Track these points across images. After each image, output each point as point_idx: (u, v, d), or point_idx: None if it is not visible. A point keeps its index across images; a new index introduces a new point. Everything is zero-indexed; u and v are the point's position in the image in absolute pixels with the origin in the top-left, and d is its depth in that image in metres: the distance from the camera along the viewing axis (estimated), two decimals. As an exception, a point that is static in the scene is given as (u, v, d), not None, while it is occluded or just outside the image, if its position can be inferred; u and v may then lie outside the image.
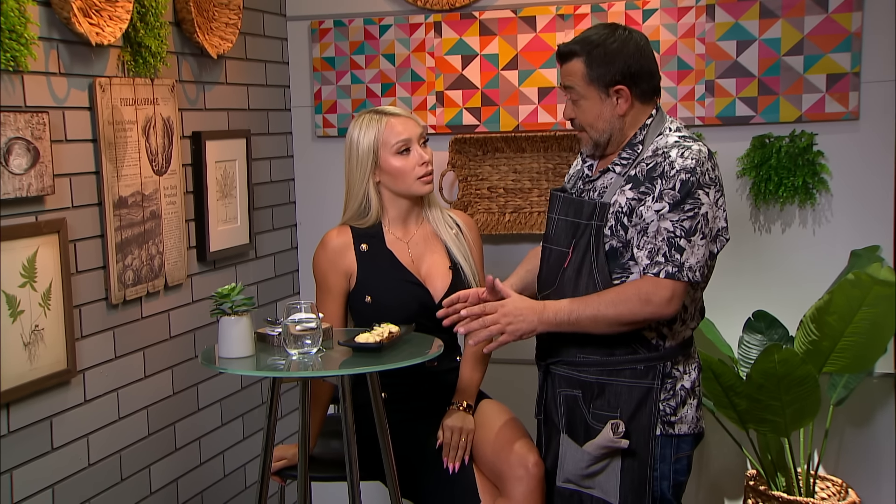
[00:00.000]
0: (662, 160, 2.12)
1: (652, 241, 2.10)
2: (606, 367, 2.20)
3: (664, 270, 2.08)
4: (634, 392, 2.18)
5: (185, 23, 2.76)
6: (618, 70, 2.15)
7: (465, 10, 3.25)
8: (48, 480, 2.30)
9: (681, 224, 2.08)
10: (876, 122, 2.94)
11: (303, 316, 2.17)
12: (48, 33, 2.27)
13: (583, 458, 2.22)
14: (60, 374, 2.30)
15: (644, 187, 2.13)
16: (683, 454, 2.23)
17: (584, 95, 2.19)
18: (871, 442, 3.06)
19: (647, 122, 2.21)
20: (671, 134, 2.19)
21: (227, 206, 3.01)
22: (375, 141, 2.53)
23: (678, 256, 2.08)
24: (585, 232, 2.19)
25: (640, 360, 2.18)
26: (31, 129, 2.17)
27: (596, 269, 2.17)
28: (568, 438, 2.26)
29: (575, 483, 2.26)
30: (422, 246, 2.60)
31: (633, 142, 2.20)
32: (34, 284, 2.21)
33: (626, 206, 2.14)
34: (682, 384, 2.21)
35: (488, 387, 2.73)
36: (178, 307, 2.79)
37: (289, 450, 2.58)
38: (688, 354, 2.24)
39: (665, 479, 2.21)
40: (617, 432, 2.14)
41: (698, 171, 2.09)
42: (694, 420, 2.23)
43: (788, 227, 3.06)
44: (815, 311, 2.69)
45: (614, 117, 2.19)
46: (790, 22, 2.96)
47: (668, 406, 2.19)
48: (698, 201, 2.09)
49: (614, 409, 2.19)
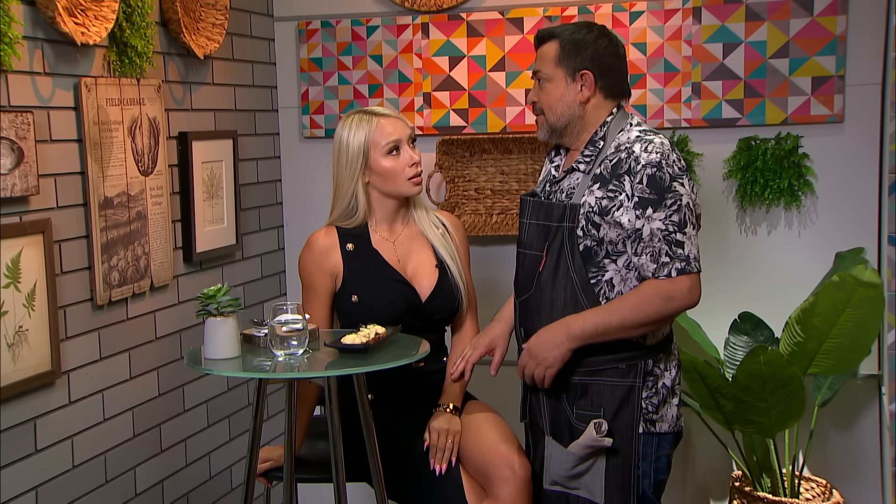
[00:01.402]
0: (626, 156, 2.15)
1: (649, 245, 2.12)
2: (589, 368, 2.21)
3: (674, 268, 2.10)
4: (617, 391, 2.20)
5: (172, 23, 2.75)
6: (587, 57, 2.21)
7: (452, 12, 3.26)
8: (32, 482, 2.29)
9: (670, 220, 2.10)
10: (861, 125, 2.96)
11: (289, 317, 2.16)
12: (33, 32, 2.26)
13: (568, 459, 2.23)
14: (45, 376, 2.29)
15: (612, 185, 2.15)
16: (664, 452, 2.25)
17: (551, 77, 2.23)
18: (855, 443, 3.08)
19: (608, 119, 2.23)
20: (632, 129, 2.21)
21: (214, 206, 3.00)
22: (366, 141, 2.52)
23: (681, 251, 2.10)
24: (558, 234, 2.20)
25: (621, 358, 2.20)
26: (15, 129, 2.16)
27: (573, 270, 2.18)
28: (552, 440, 2.27)
29: (561, 485, 2.28)
30: (408, 245, 2.60)
31: (594, 139, 2.23)
32: (18, 285, 2.20)
33: (596, 205, 2.16)
34: (662, 382, 2.23)
35: (474, 388, 2.73)
36: (164, 308, 2.78)
37: (275, 451, 2.57)
38: (668, 352, 2.26)
39: (646, 478, 2.23)
40: (600, 431, 2.16)
41: (664, 164, 2.11)
42: (674, 418, 2.25)
43: (774, 229, 3.08)
44: (800, 313, 2.70)
45: (575, 103, 2.22)
46: (776, 25, 2.98)
47: (650, 404, 2.21)
48: (677, 193, 2.11)
49: (597, 409, 2.20)
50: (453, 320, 2.66)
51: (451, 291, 2.58)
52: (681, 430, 2.29)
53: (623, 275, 2.17)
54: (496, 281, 3.30)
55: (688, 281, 2.11)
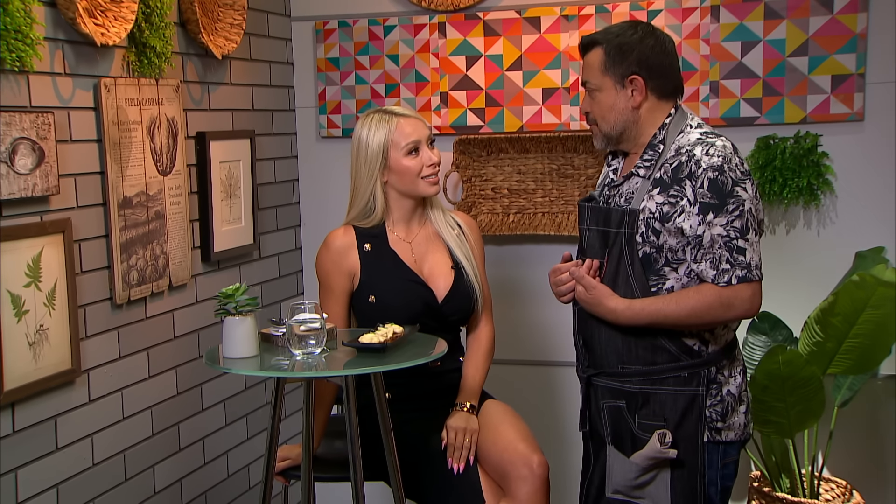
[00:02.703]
0: (687, 160, 2.09)
1: (710, 251, 2.06)
2: (650, 377, 2.16)
3: (735, 276, 2.05)
4: (680, 400, 2.14)
5: (190, 23, 2.76)
6: (633, 60, 2.14)
7: (469, 11, 3.26)
8: (53, 480, 2.31)
9: (732, 226, 2.05)
10: (881, 124, 2.94)
11: (307, 316, 2.17)
12: (53, 34, 2.28)
13: (631, 470, 2.17)
14: (65, 374, 2.31)
15: (673, 190, 2.09)
16: (731, 459, 2.20)
17: (600, 87, 2.18)
18: (875, 443, 3.05)
19: (667, 120, 2.17)
20: (692, 131, 2.15)
21: (232, 206, 3.01)
22: (386, 141, 2.52)
23: (742, 258, 2.05)
24: (617, 240, 2.15)
25: (683, 367, 2.14)
26: (36, 130, 2.18)
27: (633, 277, 2.13)
28: (615, 450, 2.21)
29: (624, 494, 2.21)
30: (424, 246, 2.61)
31: (653, 142, 2.17)
32: (39, 284, 2.21)
33: (657, 211, 2.10)
34: (728, 389, 2.17)
35: (491, 387, 2.73)
36: (183, 307, 2.80)
37: (293, 450, 2.58)
38: (732, 358, 2.19)
39: (713, 485, 2.18)
40: (664, 442, 2.10)
41: (726, 168, 2.05)
42: (741, 426, 2.19)
43: (793, 228, 3.06)
44: (819, 313, 2.68)
45: (628, 109, 2.16)
46: (795, 23, 2.96)
47: (714, 412, 2.15)
48: (739, 198, 2.05)
49: (660, 418, 2.15)
50: (468, 321, 2.66)
51: (467, 292, 2.58)
52: (749, 435, 2.23)
53: (684, 283, 2.12)
54: (512, 281, 3.30)
55: (749, 290, 2.06)
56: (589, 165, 3.19)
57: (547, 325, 3.25)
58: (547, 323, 3.25)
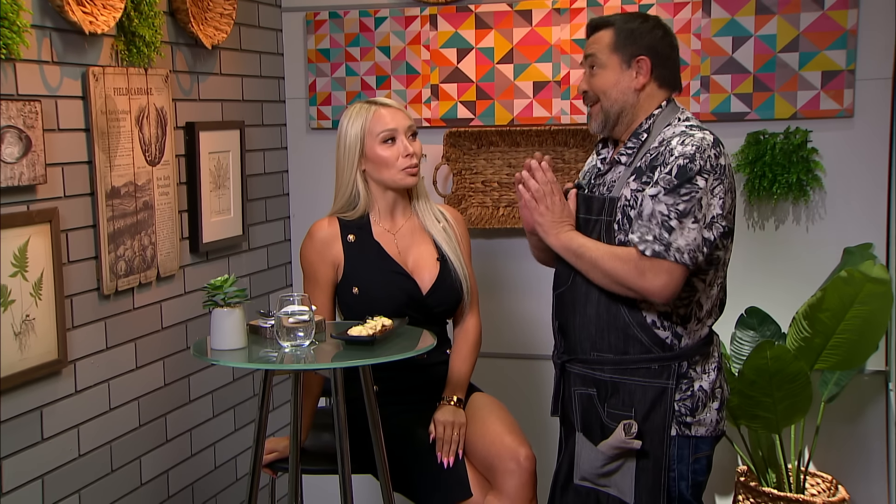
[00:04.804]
0: (664, 149, 2.11)
1: (646, 224, 2.08)
2: (620, 366, 2.17)
3: (651, 248, 2.06)
4: (649, 392, 2.15)
5: (180, 13, 2.75)
6: (644, 45, 2.18)
7: (460, 3, 3.24)
8: (38, 471, 2.30)
9: (674, 207, 2.06)
10: (870, 120, 2.95)
11: (295, 308, 2.16)
12: (41, 21, 2.26)
13: (597, 458, 2.19)
14: (51, 365, 2.29)
15: (646, 177, 2.12)
16: (702, 454, 2.20)
17: (605, 64, 2.20)
18: (861, 439, 3.07)
19: (655, 111, 2.19)
20: (679, 124, 2.17)
21: (221, 197, 3.00)
22: (362, 129, 2.53)
23: (667, 236, 2.05)
24: (596, 227, 2.18)
25: (654, 359, 2.15)
26: (23, 118, 2.16)
27: None
28: (583, 437, 2.23)
29: (591, 481, 2.23)
30: (409, 238, 2.60)
31: (638, 130, 2.19)
32: (25, 274, 2.20)
33: (632, 197, 2.13)
34: (700, 385, 2.17)
35: (478, 380, 2.73)
36: (171, 298, 2.79)
37: (280, 442, 2.57)
38: (706, 354, 2.20)
39: (683, 480, 2.18)
40: (629, 433, 2.11)
41: (697, 157, 2.06)
42: (713, 423, 2.20)
43: (782, 224, 3.07)
44: (807, 308, 2.69)
45: (630, 90, 2.19)
46: (786, 18, 2.96)
47: (683, 406, 2.16)
48: (695, 186, 2.06)
49: (628, 409, 2.16)
50: (455, 313, 2.65)
51: (453, 285, 2.58)
52: (722, 432, 2.23)
53: None
54: (502, 274, 3.30)
55: (665, 269, 2.05)
56: (580, 159, 3.19)
57: (536, 318, 3.25)
58: (536, 316, 3.25)
